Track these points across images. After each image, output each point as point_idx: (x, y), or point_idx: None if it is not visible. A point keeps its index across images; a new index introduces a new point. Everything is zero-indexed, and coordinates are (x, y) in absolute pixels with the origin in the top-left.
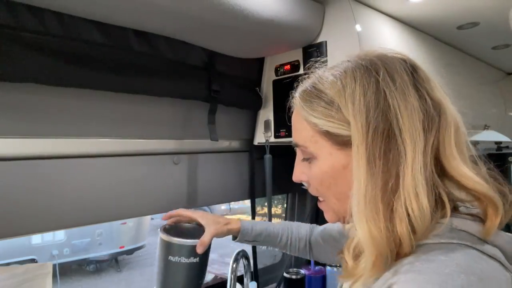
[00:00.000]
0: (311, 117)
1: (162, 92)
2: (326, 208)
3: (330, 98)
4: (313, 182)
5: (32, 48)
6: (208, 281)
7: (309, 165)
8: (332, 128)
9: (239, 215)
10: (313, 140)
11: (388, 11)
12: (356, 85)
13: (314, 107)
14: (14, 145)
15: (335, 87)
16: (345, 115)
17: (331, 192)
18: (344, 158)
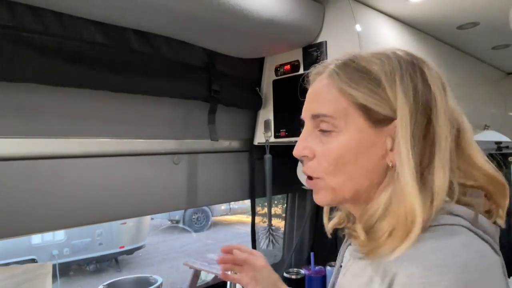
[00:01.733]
0: (350, 89)
1: (162, 92)
2: (324, 186)
3: (376, 76)
4: (324, 157)
5: (32, 48)
6: (208, 281)
7: (324, 139)
8: (372, 103)
9: (239, 215)
10: (344, 113)
11: (388, 11)
12: (403, 70)
13: (355, 79)
14: (14, 145)
15: (383, 67)
16: (389, 95)
17: (344, 170)
18: (372, 137)
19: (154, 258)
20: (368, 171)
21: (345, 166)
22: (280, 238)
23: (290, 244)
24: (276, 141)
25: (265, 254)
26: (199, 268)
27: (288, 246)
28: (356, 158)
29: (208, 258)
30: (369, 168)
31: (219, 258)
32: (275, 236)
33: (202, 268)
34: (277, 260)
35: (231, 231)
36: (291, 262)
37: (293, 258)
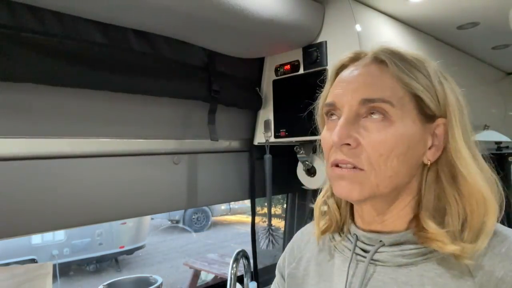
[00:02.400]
0: (409, 78)
1: (162, 92)
2: (364, 179)
3: (428, 72)
4: (376, 148)
5: (32, 48)
6: (208, 281)
7: (374, 127)
8: (427, 96)
9: (239, 215)
10: (401, 102)
11: (388, 11)
12: (440, 73)
13: (413, 71)
14: (14, 145)
15: (432, 67)
16: (438, 93)
17: (394, 163)
18: (421, 132)
19: (154, 258)
20: (411, 166)
21: (397, 159)
22: (280, 238)
23: None
24: (276, 141)
25: (265, 254)
26: (199, 268)
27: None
28: (407, 151)
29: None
30: (412, 164)
31: None
32: (275, 236)
33: (202, 268)
34: (277, 260)
35: (231, 231)
36: None
37: None
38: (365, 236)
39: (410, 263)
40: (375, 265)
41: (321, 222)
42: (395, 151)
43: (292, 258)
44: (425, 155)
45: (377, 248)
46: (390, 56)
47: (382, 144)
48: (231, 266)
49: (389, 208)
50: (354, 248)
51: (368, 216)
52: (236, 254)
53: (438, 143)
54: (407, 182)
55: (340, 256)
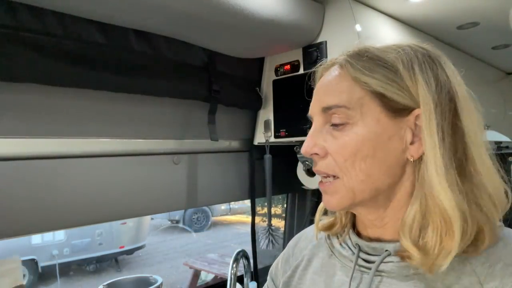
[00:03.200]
0: (366, 76)
1: (162, 92)
2: (340, 188)
3: (392, 64)
4: (340, 153)
5: (32, 48)
6: (208, 281)
7: (336, 134)
8: (390, 91)
9: (239, 215)
10: (360, 103)
11: (388, 11)
12: (420, 60)
13: (371, 68)
14: (14, 145)
15: (399, 56)
16: (408, 83)
17: (362, 167)
18: (391, 128)
19: (154, 258)
20: (389, 166)
21: (363, 161)
22: (280, 238)
23: None
24: (276, 141)
25: (265, 254)
26: (199, 268)
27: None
28: (374, 152)
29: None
30: (388, 163)
31: None
32: (275, 236)
33: (202, 268)
34: None
35: (231, 231)
36: None
37: None
38: (369, 246)
39: (418, 273)
40: (381, 276)
41: (325, 219)
42: (359, 154)
43: (287, 266)
44: (408, 151)
45: (383, 258)
46: (348, 58)
47: (343, 148)
48: (231, 266)
49: (386, 210)
50: (356, 259)
51: (368, 221)
52: (236, 254)
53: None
54: (392, 182)
55: (340, 266)
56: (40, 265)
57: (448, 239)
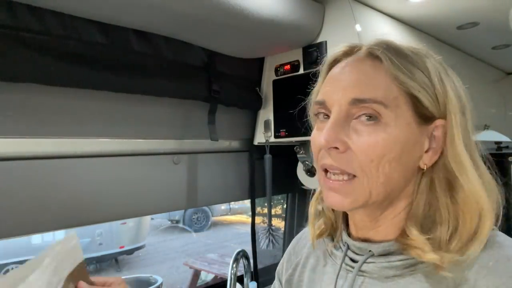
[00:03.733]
0: (405, 76)
1: (162, 92)
2: (357, 188)
3: (425, 69)
4: (366, 150)
5: (32, 48)
6: (208, 281)
7: (365, 129)
8: (424, 96)
9: (239, 215)
10: (395, 103)
11: (388, 11)
12: (441, 69)
13: (410, 68)
14: (14, 145)
15: (431, 63)
16: (437, 93)
17: (386, 168)
18: (417, 134)
19: (154, 258)
20: (406, 172)
21: (389, 164)
22: (280, 238)
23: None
24: (276, 141)
25: (265, 254)
26: (199, 268)
27: (288, 246)
28: (401, 156)
29: (208, 258)
30: (407, 169)
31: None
32: (275, 236)
33: (202, 268)
34: (277, 260)
35: (231, 231)
36: None
37: None
38: (355, 246)
39: (398, 275)
40: (364, 277)
41: (316, 224)
42: (387, 156)
43: (289, 264)
44: (422, 159)
45: (365, 258)
46: (386, 51)
47: (372, 148)
48: (231, 266)
49: (383, 213)
50: (344, 258)
51: (361, 222)
52: (236, 254)
53: (436, 146)
54: (403, 187)
55: (332, 264)
56: None
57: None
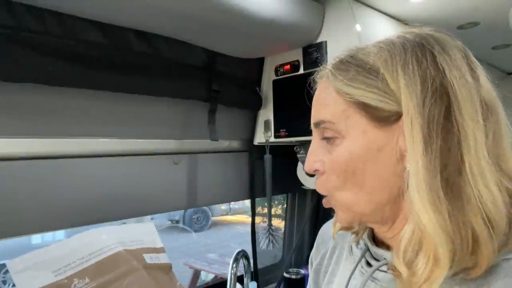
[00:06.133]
0: (347, 87)
1: (162, 92)
2: (336, 205)
3: (373, 67)
4: (332, 169)
5: (32, 48)
6: (208, 281)
7: (330, 148)
8: (372, 99)
9: (239, 215)
10: (344, 115)
11: (388, 11)
12: (408, 56)
13: (352, 76)
14: (14, 145)
15: (381, 56)
16: (391, 86)
17: (354, 181)
18: (380, 138)
19: None
20: (384, 179)
21: (354, 176)
22: (280, 238)
23: (290, 244)
24: (276, 141)
25: (265, 254)
26: (199, 268)
27: (288, 246)
28: (365, 165)
29: (208, 258)
30: (384, 176)
31: None
32: (275, 236)
33: (202, 268)
34: (277, 260)
35: (231, 231)
36: (291, 262)
37: (293, 258)
38: (373, 250)
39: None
40: (375, 283)
41: None
42: (349, 168)
43: (318, 253)
44: (404, 160)
45: (379, 266)
46: (331, 68)
47: (335, 164)
48: (231, 266)
49: (395, 223)
50: (361, 259)
51: (380, 232)
52: (236, 254)
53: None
54: (394, 194)
55: (350, 262)
56: None
57: (436, 266)
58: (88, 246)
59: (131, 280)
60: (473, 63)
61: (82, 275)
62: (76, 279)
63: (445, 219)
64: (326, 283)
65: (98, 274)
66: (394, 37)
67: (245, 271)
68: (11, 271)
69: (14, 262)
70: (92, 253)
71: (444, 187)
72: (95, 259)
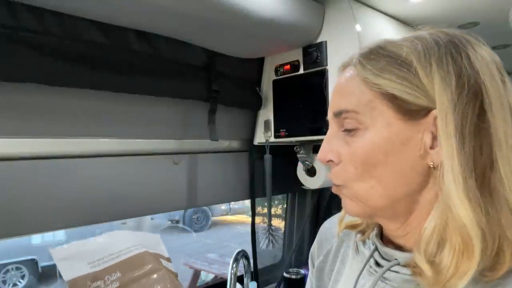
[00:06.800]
0: (376, 77)
1: (162, 92)
2: (350, 195)
3: (406, 60)
4: (351, 160)
5: (32, 48)
6: (208, 281)
7: (349, 140)
8: (402, 91)
9: (239, 215)
10: (370, 106)
11: (388, 11)
12: (441, 51)
13: (382, 65)
14: (14, 145)
15: (415, 49)
16: (424, 81)
17: (372, 173)
18: (405, 132)
19: None
20: (404, 174)
21: (374, 168)
22: (280, 238)
23: (290, 244)
24: (276, 141)
25: (265, 254)
26: (199, 268)
27: (288, 246)
28: (386, 158)
29: (208, 258)
30: (404, 171)
31: None
32: (275, 236)
33: (202, 268)
34: (277, 260)
35: (231, 231)
36: (291, 262)
37: (293, 258)
38: (382, 250)
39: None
40: (385, 284)
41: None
42: (369, 160)
43: (321, 251)
44: (428, 157)
45: (390, 266)
46: (359, 57)
47: (355, 155)
48: (231, 266)
49: (407, 220)
50: (369, 259)
51: (389, 230)
52: (236, 254)
53: (440, 141)
54: (410, 191)
55: (358, 261)
56: (40, 265)
57: (466, 259)
58: (116, 244)
59: (157, 278)
60: (502, 69)
61: (113, 269)
62: (108, 273)
63: (480, 215)
64: (333, 281)
65: (127, 269)
66: (426, 34)
67: (245, 271)
68: (55, 258)
69: (57, 250)
70: (120, 251)
71: (478, 185)
72: (124, 256)
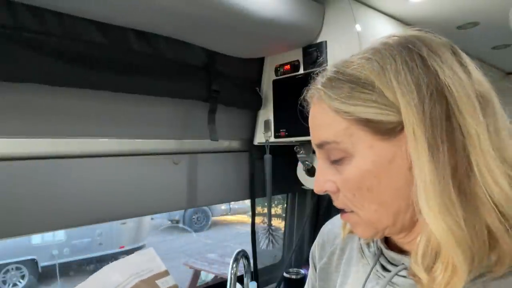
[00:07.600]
0: (344, 105)
1: (162, 92)
2: (359, 221)
3: (367, 80)
4: (346, 188)
5: (32, 48)
6: (208, 281)
7: (339, 168)
8: (373, 114)
9: (239, 215)
10: (348, 133)
11: (388, 11)
12: (397, 63)
13: (346, 93)
14: (14, 145)
15: (372, 68)
16: (389, 97)
17: (371, 198)
18: (388, 151)
19: None
20: (400, 189)
21: (371, 193)
22: (280, 238)
23: (290, 244)
24: (276, 141)
25: (265, 254)
26: (199, 268)
27: (288, 246)
28: (379, 181)
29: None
30: (399, 186)
31: None
32: (275, 236)
33: (202, 268)
34: (277, 260)
35: (231, 231)
36: (291, 262)
37: (293, 258)
38: (388, 255)
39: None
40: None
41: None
42: (364, 185)
43: (323, 252)
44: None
45: (398, 271)
46: (322, 87)
47: (348, 184)
48: (231, 266)
49: (413, 228)
50: (375, 263)
51: (396, 236)
52: (236, 254)
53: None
54: (410, 201)
55: (363, 264)
56: (40, 265)
57: (454, 274)
58: (107, 285)
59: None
60: (462, 59)
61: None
62: None
63: (459, 224)
64: (340, 284)
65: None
66: (378, 45)
67: (245, 271)
68: None
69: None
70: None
71: (456, 190)
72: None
